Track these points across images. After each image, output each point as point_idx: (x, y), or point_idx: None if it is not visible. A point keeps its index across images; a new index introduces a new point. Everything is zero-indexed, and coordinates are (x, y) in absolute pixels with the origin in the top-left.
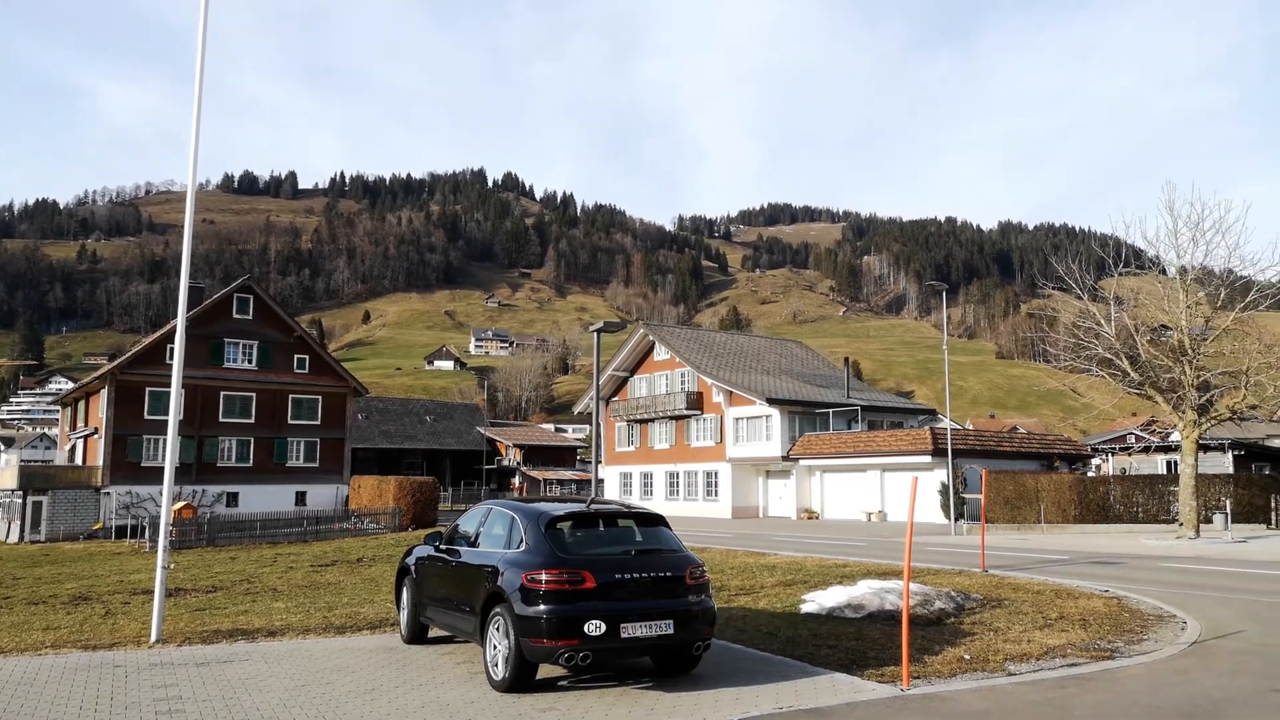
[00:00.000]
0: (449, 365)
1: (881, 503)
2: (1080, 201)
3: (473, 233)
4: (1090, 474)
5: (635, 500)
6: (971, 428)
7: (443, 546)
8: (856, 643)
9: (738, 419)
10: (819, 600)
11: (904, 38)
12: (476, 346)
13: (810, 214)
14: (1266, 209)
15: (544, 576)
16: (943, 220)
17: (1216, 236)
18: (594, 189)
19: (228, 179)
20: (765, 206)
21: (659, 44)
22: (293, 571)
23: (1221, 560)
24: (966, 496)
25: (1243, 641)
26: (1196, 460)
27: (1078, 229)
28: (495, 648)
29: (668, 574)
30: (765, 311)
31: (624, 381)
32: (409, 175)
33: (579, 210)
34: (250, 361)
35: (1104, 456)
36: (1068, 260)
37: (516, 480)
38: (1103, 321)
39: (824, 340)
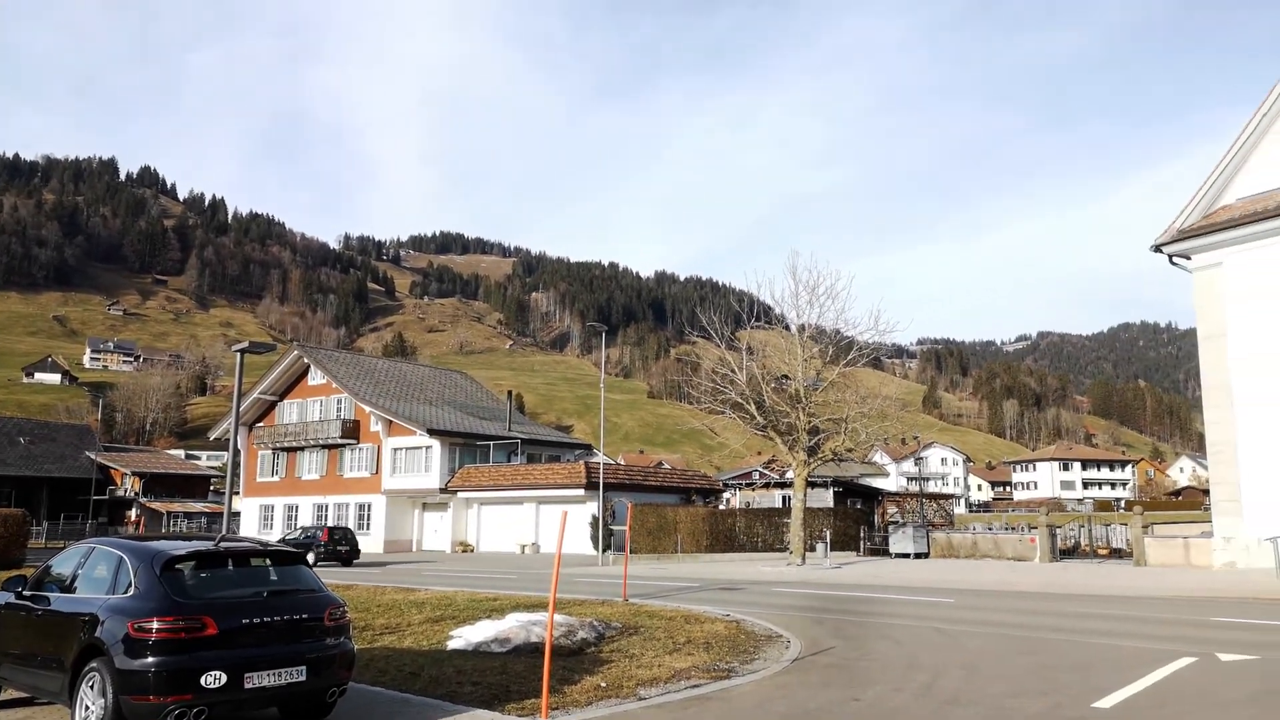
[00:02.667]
0: (55, 379)
1: (536, 535)
2: (725, 258)
3: (96, 229)
4: (721, 507)
5: (277, 536)
6: (623, 462)
7: (27, 592)
8: (500, 677)
9: (396, 449)
10: (466, 636)
11: (586, 87)
12: (93, 359)
13: (483, 246)
14: (865, 282)
15: (155, 624)
16: (607, 264)
17: (828, 301)
18: (251, 196)
19: None
20: (438, 234)
21: (339, 52)
22: None
23: (821, 584)
24: (615, 528)
25: (833, 657)
26: (805, 495)
27: (721, 283)
28: (88, 709)
29: (304, 616)
30: (432, 340)
31: (272, 406)
32: (17, 156)
33: (230, 216)
34: None
35: (733, 491)
36: (710, 312)
37: (133, 513)
38: (736, 369)
39: (490, 373)
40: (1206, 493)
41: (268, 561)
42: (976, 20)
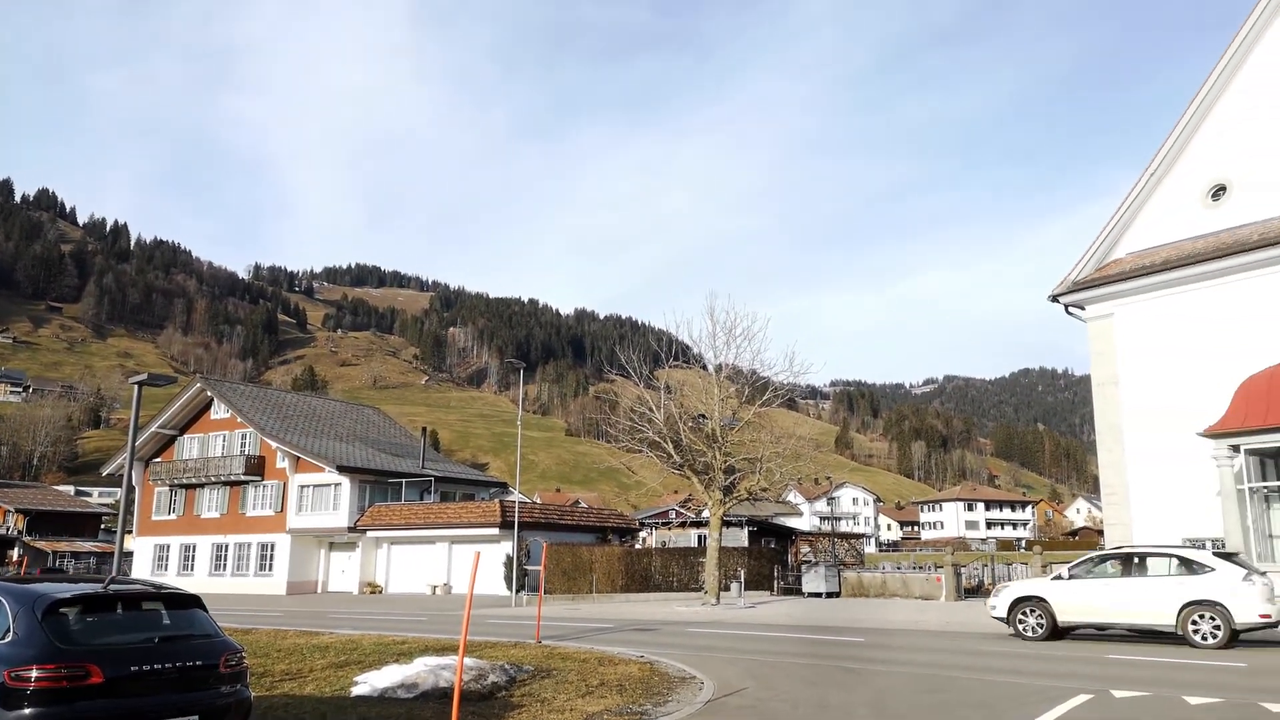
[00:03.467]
0: None
1: (448, 575)
2: (645, 298)
3: None
4: (638, 546)
5: (172, 577)
6: (539, 501)
7: None
8: None
9: (304, 487)
10: (372, 681)
11: (508, 124)
12: None
13: (400, 279)
14: (781, 324)
15: (34, 673)
16: (526, 301)
17: (745, 342)
18: (155, 223)
19: None
20: (353, 266)
21: (256, 80)
22: None
23: (735, 624)
24: (529, 568)
25: (745, 698)
26: (721, 535)
27: (641, 322)
28: None
29: (198, 663)
30: (345, 374)
31: (172, 440)
32: None
33: (133, 243)
34: None
35: (650, 530)
36: (629, 350)
37: (16, 553)
38: (654, 408)
39: (404, 408)
40: (1101, 533)
41: (161, 605)
42: (884, 78)
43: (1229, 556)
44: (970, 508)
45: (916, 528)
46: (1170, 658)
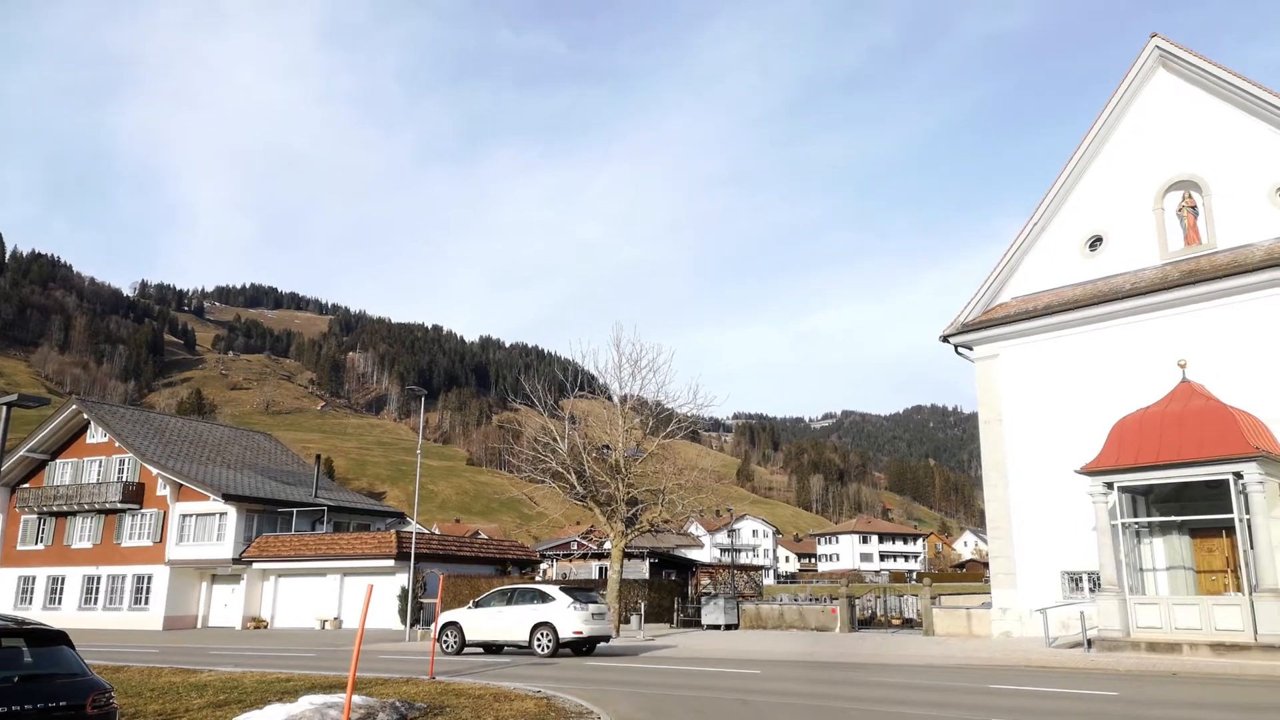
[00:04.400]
0: None
1: (339, 609)
2: (552, 327)
3: None
4: (538, 578)
5: (37, 611)
6: (437, 532)
7: None
8: None
9: (186, 516)
10: None
11: (417, 148)
12: None
13: (298, 301)
14: (686, 356)
15: None
16: (430, 327)
17: (650, 374)
18: (32, 235)
19: None
20: (248, 286)
21: (150, 91)
22: None
23: (634, 657)
24: (425, 601)
25: None
26: (622, 567)
27: (547, 351)
28: None
29: (62, 703)
30: (235, 398)
31: (42, 465)
32: None
33: (8, 256)
34: None
35: (551, 562)
36: (535, 380)
37: None
38: (559, 438)
39: (298, 435)
40: (987, 565)
41: (22, 642)
42: (794, 118)
43: (573, 590)
44: (865, 540)
45: (814, 559)
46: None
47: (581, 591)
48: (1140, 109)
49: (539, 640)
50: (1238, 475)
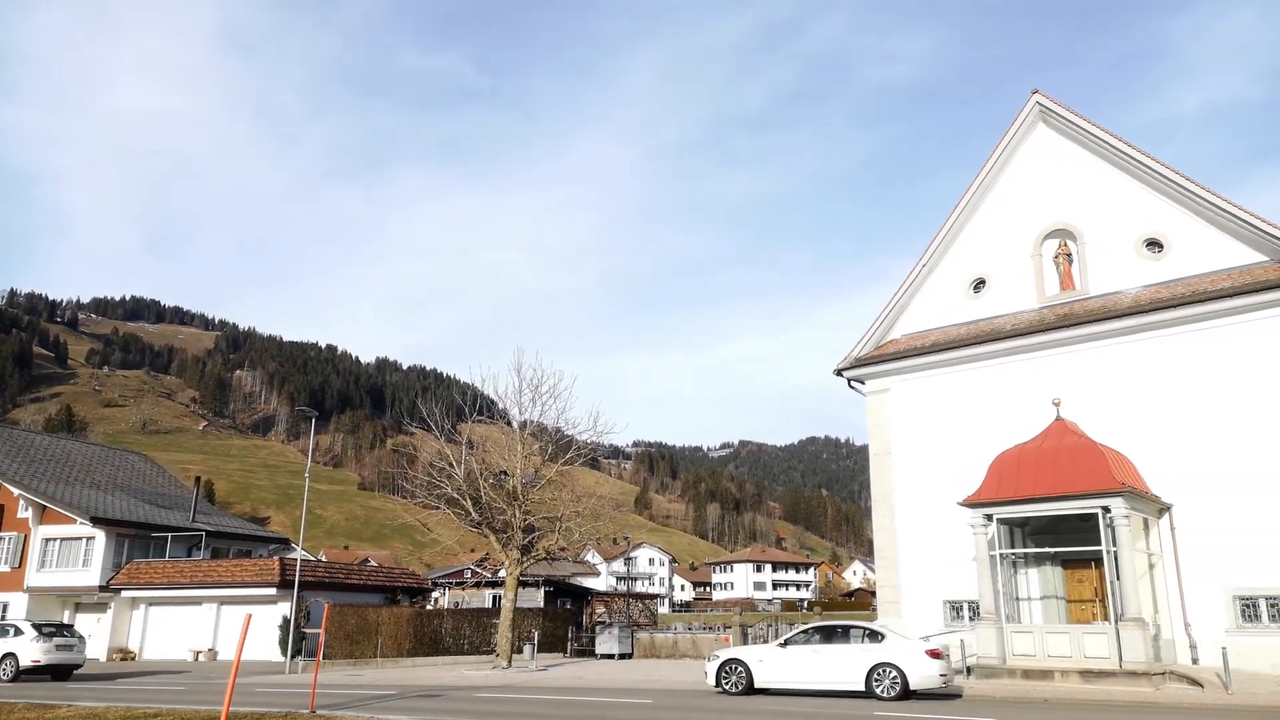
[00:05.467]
0: None
1: (215, 640)
2: (453, 350)
3: None
4: (429, 607)
5: None
6: (324, 559)
7: None
8: None
9: (49, 540)
10: None
11: (315, 164)
12: None
13: (181, 316)
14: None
15: None
16: (324, 346)
17: (550, 400)
18: None
19: None
20: (128, 298)
21: (26, 90)
22: None
23: (525, 688)
24: (308, 631)
25: None
26: (516, 595)
27: (446, 374)
28: None
29: None
30: (109, 416)
31: None
32: None
33: None
34: None
35: (443, 590)
36: (432, 403)
37: None
38: (455, 463)
39: (177, 455)
40: (874, 594)
41: None
42: (702, 152)
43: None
44: (759, 569)
45: (709, 588)
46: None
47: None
48: (1021, 160)
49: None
50: (1106, 509)
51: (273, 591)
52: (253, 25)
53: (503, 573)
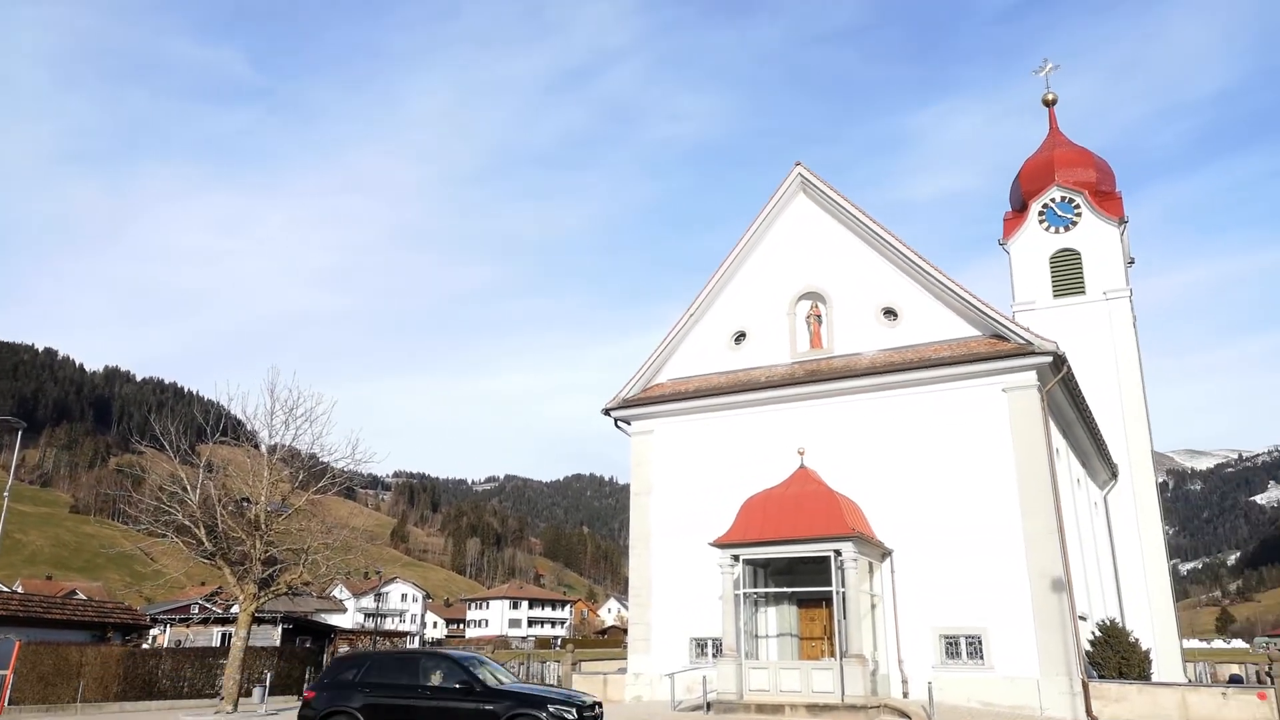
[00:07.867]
0: None
1: None
2: (198, 363)
3: None
4: (146, 646)
5: None
6: (20, 590)
7: None
8: None
9: None
10: None
11: (54, 146)
12: None
13: None
14: (349, 408)
15: None
16: (41, 350)
17: (306, 424)
18: None
19: None
20: None
21: None
22: None
23: None
24: None
25: None
26: (249, 633)
27: (187, 389)
28: None
29: None
30: None
31: None
32: None
33: None
34: None
35: (164, 627)
36: (168, 419)
37: None
38: (190, 487)
39: None
40: (627, 631)
41: None
42: (489, 182)
43: None
44: (515, 605)
45: (463, 625)
46: None
47: None
48: (783, 225)
49: None
50: (837, 553)
51: None
52: None
53: (236, 608)
